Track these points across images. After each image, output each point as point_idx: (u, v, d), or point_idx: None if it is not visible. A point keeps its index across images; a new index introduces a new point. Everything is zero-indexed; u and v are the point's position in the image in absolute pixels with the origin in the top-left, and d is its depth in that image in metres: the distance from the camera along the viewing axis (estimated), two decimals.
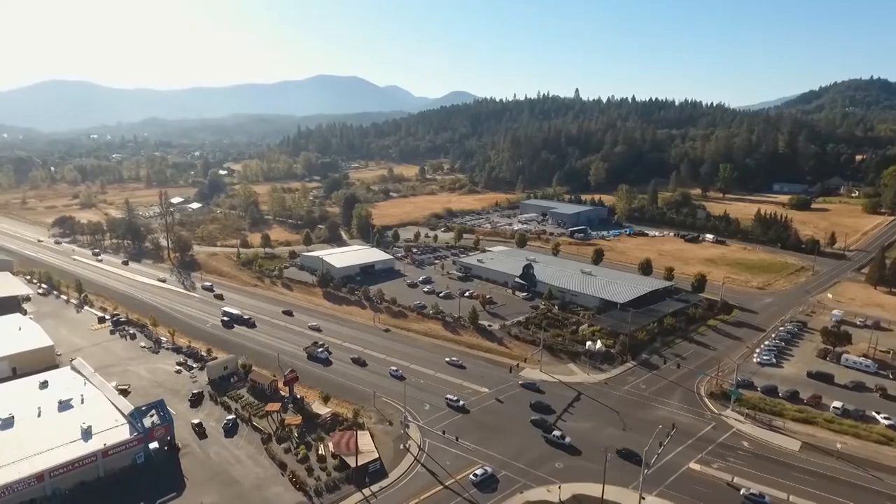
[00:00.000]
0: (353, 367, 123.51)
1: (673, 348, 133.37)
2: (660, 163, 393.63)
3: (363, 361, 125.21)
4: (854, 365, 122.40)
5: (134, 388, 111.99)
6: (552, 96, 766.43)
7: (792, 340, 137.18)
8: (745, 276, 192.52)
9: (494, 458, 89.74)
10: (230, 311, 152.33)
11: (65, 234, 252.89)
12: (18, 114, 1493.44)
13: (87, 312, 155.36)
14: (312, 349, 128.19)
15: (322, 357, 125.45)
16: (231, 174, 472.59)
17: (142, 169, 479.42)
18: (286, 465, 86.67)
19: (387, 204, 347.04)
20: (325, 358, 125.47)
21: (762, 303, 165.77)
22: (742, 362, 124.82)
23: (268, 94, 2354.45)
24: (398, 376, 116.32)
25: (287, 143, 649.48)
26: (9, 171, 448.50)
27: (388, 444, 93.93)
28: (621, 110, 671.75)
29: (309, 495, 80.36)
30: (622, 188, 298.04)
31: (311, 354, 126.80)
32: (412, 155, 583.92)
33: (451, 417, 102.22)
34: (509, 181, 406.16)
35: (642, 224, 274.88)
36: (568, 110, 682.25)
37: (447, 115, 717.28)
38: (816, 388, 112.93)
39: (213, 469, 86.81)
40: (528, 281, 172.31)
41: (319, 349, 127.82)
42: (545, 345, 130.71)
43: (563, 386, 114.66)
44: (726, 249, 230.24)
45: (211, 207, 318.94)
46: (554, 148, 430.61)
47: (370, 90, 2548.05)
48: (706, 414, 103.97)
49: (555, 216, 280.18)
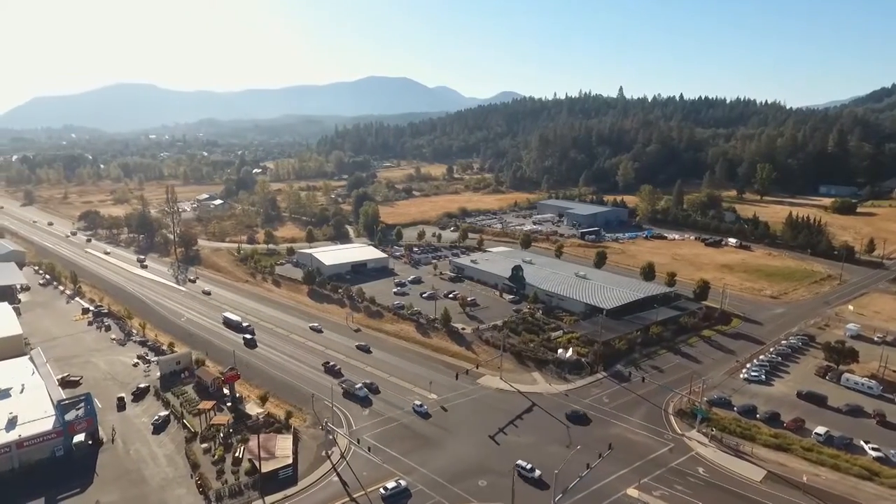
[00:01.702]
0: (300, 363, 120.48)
1: (654, 360, 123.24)
2: (695, 163, 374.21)
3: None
4: (855, 386, 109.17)
5: (86, 379, 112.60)
6: (594, 95, 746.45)
7: (792, 356, 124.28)
8: (761, 283, 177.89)
9: (416, 470, 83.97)
10: (231, 316, 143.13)
11: (88, 227, 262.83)
12: (88, 115, 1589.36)
13: (76, 303, 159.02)
14: (349, 385, 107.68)
15: (362, 395, 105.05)
16: (264, 172, 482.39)
17: (181, 167, 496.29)
18: (199, 467, 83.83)
19: (406, 203, 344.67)
20: (365, 396, 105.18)
21: (771, 313, 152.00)
22: (726, 378, 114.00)
23: (319, 95, 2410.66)
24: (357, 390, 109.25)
25: (325, 143, 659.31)
26: (59, 167, 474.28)
27: (312, 449, 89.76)
28: (666, 109, 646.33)
29: (209, 500, 77.06)
30: (645, 188, 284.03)
31: (349, 391, 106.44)
32: (445, 154, 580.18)
33: (386, 425, 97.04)
34: (535, 181, 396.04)
35: (665, 227, 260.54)
36: (609, 109, 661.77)
37: (483, 114, 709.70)
38: (805, 411, 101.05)
39: (126, 466, 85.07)
40: (517, 283, 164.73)
41: (358, 386, 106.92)
42: (513, 351, 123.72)
43: (520, 396, 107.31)
44: (749, 255, 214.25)
45: (231, 204, 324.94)
46: (584, 147, 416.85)
47: (420, 91, 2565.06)
48: (666, 434, 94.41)
49: (570, 217, 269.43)
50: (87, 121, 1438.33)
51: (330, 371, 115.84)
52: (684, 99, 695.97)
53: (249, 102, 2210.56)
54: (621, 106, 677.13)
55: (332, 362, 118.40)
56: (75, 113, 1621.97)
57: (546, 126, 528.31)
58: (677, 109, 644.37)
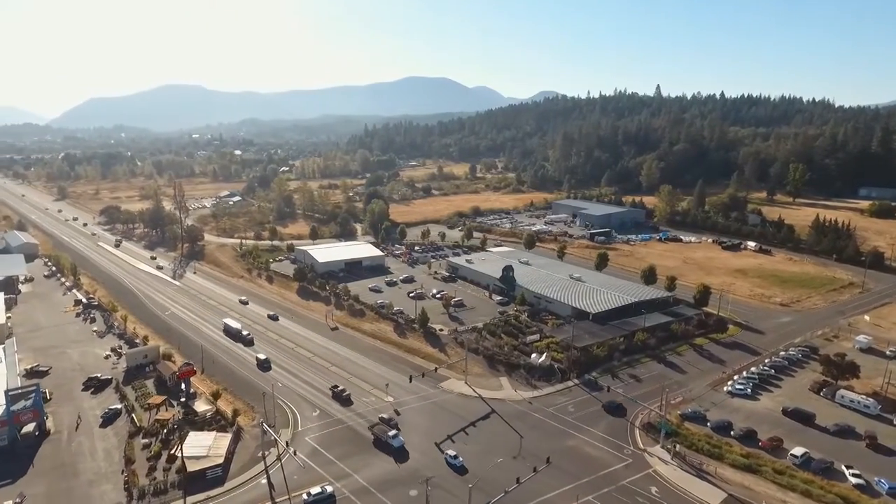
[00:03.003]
0: None
1: (635, 368, 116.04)
2: (726, 163, 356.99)
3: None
4: (851, 404, 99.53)
5: (55, 370, 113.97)
6: (629, 93, 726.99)
7: (788, 369, 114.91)
8: (773, 290, 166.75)
9: (349, 476, 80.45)
10: (231, 324, 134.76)
11: (108, 222, 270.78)
12: (139, 115, 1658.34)
13: (72, 295, 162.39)
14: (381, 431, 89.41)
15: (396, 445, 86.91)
16: (290, 170, 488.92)
17: (211, 164, 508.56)
18: (132, 462, 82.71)
19: (423, 201, 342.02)
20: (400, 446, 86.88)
21: (776, 322, 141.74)
22: (707, 391, 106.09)
23: (359, 95, 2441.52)
24: None
25: (354, 142, 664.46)
26: (97, 164, 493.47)
27: (252, 449, 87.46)
28: (704, 107, 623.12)
29: (131, 497, 75.66)
30: (664, 189, 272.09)
31: (379, 437, 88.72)
32: (472, 153, 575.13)
33: (333, 427, 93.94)
34: (557, 181, 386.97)
35: (683, 229, 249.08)
36: (644, 108, 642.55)
37: (513, 113, 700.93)
38: (788, 430, 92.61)
39: (64, 459, 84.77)
40: (507, 284, 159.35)
41: (392, 433, 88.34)
42: (486, 354, 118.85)
43: (481, 402, 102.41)
44: (767, 259, 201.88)
45: (250, 201, 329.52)
46: (609, 146, 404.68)
47: (459, 91, 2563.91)
48: (627, 449, 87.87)
49: (583, 217, 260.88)
50: (137, 121, 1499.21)
51: (338, 397, 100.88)
52: (725, 97, 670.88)
53: (292, 103, 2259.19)
54: (657, 104, 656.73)
55: (340, 386, 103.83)
56: (127, 113, 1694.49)
57: (575, 124, 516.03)
58: (716, 108, 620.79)
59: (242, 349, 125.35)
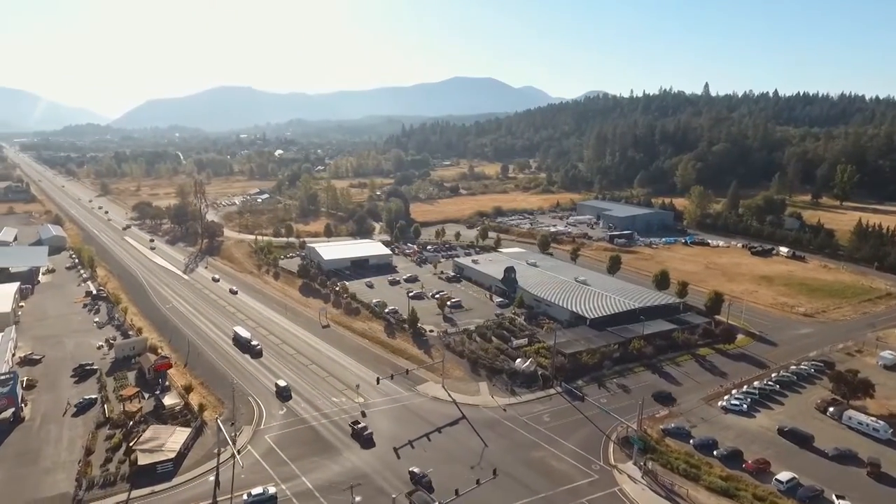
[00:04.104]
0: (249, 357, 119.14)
1: (626, 378, 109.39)
2: (769, 164, 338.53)
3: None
4: (858, 426, 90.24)
5: (48, 359, 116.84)
6: (675, 92, 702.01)
7: (795, 384, 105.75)
8: (799, 299, 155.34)
9: (297, 478, 78.34)
10: (241, 333, 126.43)
11: (139, 217, 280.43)
12: (193, 116, 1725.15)
13: (85, 287, 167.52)
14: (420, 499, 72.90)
15: None
16: (324, 169, 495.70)
17: (250, 163, 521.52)
18: (91, 453, 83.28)
19: (449, 201, 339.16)
20: None
21: (794, 333, 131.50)
22: (700, 405, 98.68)
23: (405, 96, 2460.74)
24: None
25: (391, 142, 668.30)
26: (142, 162, 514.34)
27: (211, 444, 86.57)
28: (755, 106, 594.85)
29: (79, 487, 75.86)
30: (695, 190, 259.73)
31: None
32: (507, 153, 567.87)
33: (295, 426, 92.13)
34: (589, 181, 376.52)
35: (714, 232, 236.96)
36: (689, 107, 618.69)
37: (552, 112, 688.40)
38: (781, 451, 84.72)
39: (30, 446, 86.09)
40: (508, 286, 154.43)
41: None
42: (471, 358, 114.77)
43: (454, 407, 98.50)
44: (799, 266, 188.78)
45: (278, 198, 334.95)
46: (645, 146, 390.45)
47: (504, 91, 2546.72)
48: (596, 464, 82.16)
49: (607, 219, 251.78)
50: (191, 121, 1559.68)
51: (357, 436, 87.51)
52: (779, 95, 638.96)
53: (338, 103, 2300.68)
54: (703, 103, 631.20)
55: (360, 423, 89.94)
56: (182, 114, 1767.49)
57: (609, 124, 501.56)
58: (768, 106, 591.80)
59: (230, 345, 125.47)
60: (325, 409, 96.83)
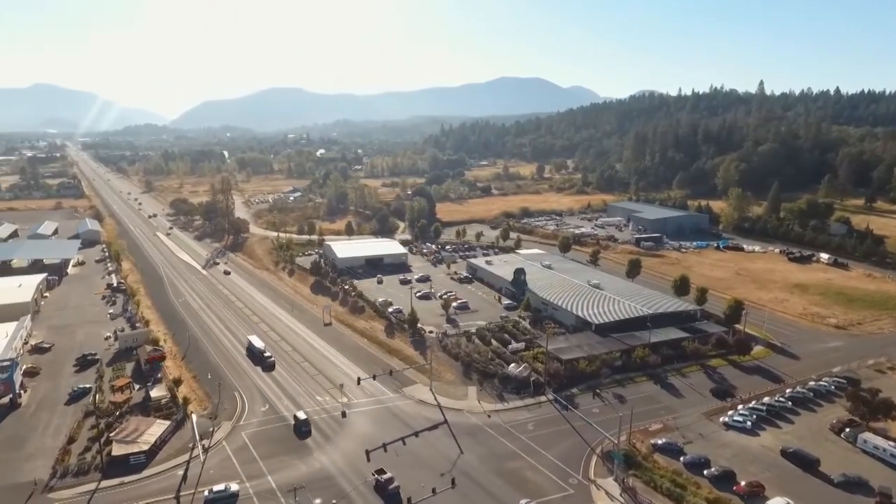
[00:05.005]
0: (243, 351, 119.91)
1: (626, 387, 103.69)
2: (820, 165, 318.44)
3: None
4: (874, 451, 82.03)
5: (57, 347, 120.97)
6: (727, 90, 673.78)
7: (812, 401, 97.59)
8: (833, 309, 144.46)
9: (262, 477, 77.37)
10: (255, 343, 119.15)
11: (175, 213, 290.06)
12: (244, 116, 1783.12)
13: (109, 279, 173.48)
14: None
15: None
16: (361, 169, 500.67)
17: (289, 162, 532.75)
18: (73, 441, 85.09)
19: (479, 201, 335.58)
20: None
21: (821, 346, 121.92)
22: (700, 420, 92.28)
23: (451, 96, 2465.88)
24: None
25: (430, 142, 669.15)
26: (188, 161, 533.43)
27: (188, 438, 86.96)
28: (814, 104, 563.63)
29: (53, 475, 77.34)
30: (733, 192, 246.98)
31: None
32: (546, 153, 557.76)
33: (273, 424, 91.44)
34: (626, 182, 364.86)
35: (751, 237, 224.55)
36: (741, 106, 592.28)
37: (595, 112, 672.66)
38: (781, 475, 77.93)
39: (19, 432, 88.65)
40: (518, 288, 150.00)
41: None
42: (465, 361, 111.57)
43: (438, 411, 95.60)
44: (840, 274, 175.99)
45: (310, 197, 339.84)
46: (686, 146, 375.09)
47: (552, 91, 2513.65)
48: (574, 478, 77.60)
49: (636, 221, 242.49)
50: (243, 121, 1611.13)
51: (380, 489, 74.68)
52: (840, 93, 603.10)
53: (385, 104, 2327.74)
54: (756, 102, 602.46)
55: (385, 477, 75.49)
56: (235, 114, 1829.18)
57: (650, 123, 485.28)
58: (828, 104, 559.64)
59: (229, 340, 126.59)
60: (307, 408, 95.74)
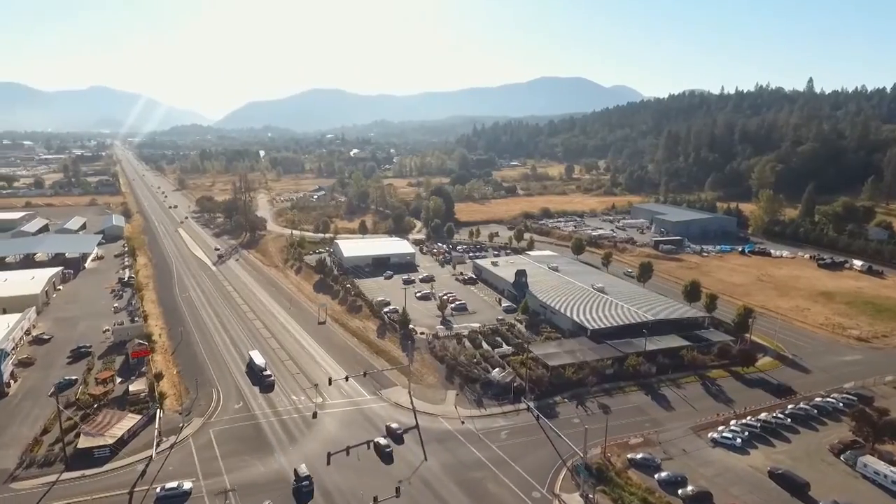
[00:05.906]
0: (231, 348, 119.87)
1: (613, 396, 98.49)
2: (866, 166, 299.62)
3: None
4: (874, 476, 74.79)
5: (56, 339, 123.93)
6: (772, 88, 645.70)
7: (814, 420, 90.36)
8: (859, 319, 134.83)
9: (218, 475, 76.30)
10: (256, 360, 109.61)
11: (200, 210, 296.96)
12: (286, 117, 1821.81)
13: (122, 273, 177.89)
14: None
15: None
16: (390, 169, 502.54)
17: (319, 162, 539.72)
18: (48, 432, 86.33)
19: (503, 201, 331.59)
20: None
21: (837, 359, 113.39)
22: (686, 435, 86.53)
23: (490, 96, 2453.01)
24: None
25: (462, 142, 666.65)
26: (222, 160, 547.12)
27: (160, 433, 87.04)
28: (866, 103, 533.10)
29: (20, 465, 78.43)
30: (763, 195, 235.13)
31: None
32: (578, 154, 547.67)
33: (243, 422, 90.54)
34: (656, 183, 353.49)
35: (783, 241, 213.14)
36: (787, 104, 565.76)
37: (631, 111, 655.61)
38: (768, 498, 71.84)
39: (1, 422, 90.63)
40: (519, 290, 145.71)
41: None
42: (450, 364, 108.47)
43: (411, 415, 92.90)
44: (873, 282, 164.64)
45: (334, 195, 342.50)
46: (722, 146, 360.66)
47: (594, 91, 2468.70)
48: (537, 492, 73.53)
49: (659, 223, 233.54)
50: (284, 122, 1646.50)
51: None
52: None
53: (424, 105, 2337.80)
54: (804, 100, 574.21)
55: None
56: (277, 115, 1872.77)
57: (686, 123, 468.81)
58: (882, 103, 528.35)
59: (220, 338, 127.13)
60: (280, 407, 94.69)
